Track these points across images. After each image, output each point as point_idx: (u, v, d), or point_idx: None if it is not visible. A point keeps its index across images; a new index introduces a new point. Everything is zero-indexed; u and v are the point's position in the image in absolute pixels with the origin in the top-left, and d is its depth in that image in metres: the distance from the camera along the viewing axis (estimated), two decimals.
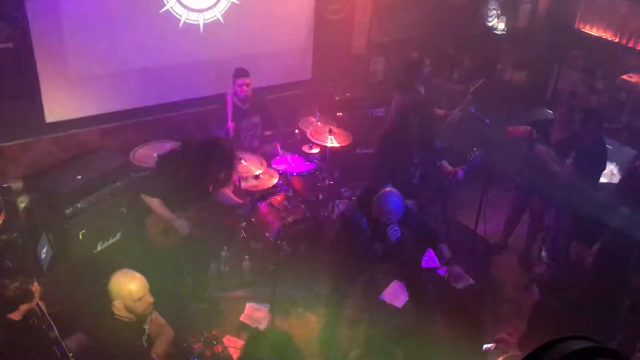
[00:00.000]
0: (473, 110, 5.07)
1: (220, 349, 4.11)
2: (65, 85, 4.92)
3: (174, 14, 5.25)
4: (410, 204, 4.23)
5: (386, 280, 4.94)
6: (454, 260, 4.83)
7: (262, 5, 5.71)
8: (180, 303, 4.62)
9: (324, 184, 5.45)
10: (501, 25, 7.28)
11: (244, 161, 4.96)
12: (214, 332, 4.25)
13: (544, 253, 3.84)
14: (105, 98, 5.17)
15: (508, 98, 6.75)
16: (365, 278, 4.26)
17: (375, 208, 3.91)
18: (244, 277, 5.03)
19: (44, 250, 4.37)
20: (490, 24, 7.28)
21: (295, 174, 5.27)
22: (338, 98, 6.23)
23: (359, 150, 5.92)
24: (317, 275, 4.93)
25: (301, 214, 4.99)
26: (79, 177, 4.48)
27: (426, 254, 5.27)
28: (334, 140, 5.35)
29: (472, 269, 5.24)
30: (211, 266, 4.95)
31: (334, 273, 4.23)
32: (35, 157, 4.90)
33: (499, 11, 7.26)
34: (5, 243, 4.10)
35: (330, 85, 6.39)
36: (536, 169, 4.95)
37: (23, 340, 3.17)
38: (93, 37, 4.89)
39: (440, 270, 5.25)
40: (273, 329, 4.10)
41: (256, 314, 4.67)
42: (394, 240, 3.88)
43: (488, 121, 4.98)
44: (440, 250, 5.18)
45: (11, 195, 4.55)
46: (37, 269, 4.26)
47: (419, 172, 4.56)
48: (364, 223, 3.94)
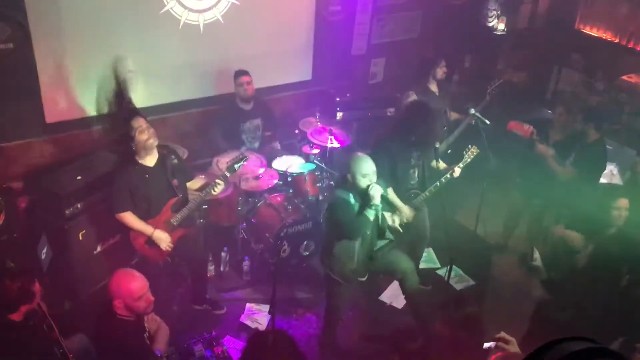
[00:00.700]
0: (473, 110, 5.07)
1: (220, 350, 4.11)
2: (65, 86, 4.92)
3: (174, 14, 5.25)
4: None
5: (386, 281, 4.95)
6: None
7: (263, 6, 5.72)
8: (180, 304, 4.63)
9: (324, 184, 5.46)
10: (501, 26, 7.29)
11: (244, 161, 4.96)
12: (214, 333, 4.25)
13: (536, 255, 3.83)
14: (105, 99, 5.17)
15: (508, 98, 6.76)
16: (365, 279, 4.24)
17: (351, 172, 3.79)
18: (244, 278, 5.03)
19: (44, 250, 4.37)
20: (491, 24, 7.29)
21: (295, 174, 5.27)
22: (338, 99, 6.24)
23: (359, 151, 5.92)
24: (317, 276, 4.93)
25: (301, 214, 4.99)
26: (79, 178, 4.48)
27: (426, 253, 5.29)
28: (334, 140, 5.36)
29: (472, 269, 5.24)
30: (211, 267, 4.96)
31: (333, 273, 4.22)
32: (35, 157, 4.90)
33: (499, 12, 7.26)
34: (5, 243, 4.10)
35: (330, 86, 6.40)
36: (536, 169, 4.96)
37: (24, 341, 3.17)
38: (93, 38, 4.89)
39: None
40: (273, 329, 4.10)
41: (256, 315, 4.67)
42: (372, 202, 3.71)
43: (488, 122, 4.99)
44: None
45: (11, 195, 4.55)
46: (37, 269, 4.26)
47: (417, 173, 4.56)
48: (351, 198, 3.88)
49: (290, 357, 2.52)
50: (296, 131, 5.80)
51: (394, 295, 4.86)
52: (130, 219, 4.07)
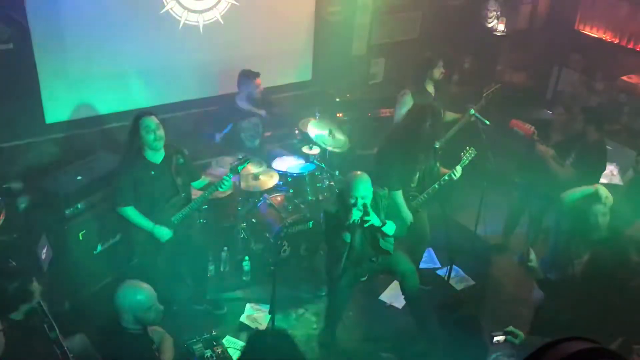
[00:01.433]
0: (473, 111, 5.07)
1: (220, 350, 4.11)
2: (65, 86, 4.93)
3: (174, 15, 5.26)
4: None
5: (386, 281, 4.95)
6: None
7: (262, 6, 5.72)
8: (180, 304, 4.63)
9: (324, 184, 5.46)
10: (501, 27, 7.28)
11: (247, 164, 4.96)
12: (214, 333, 4.25)
13: (532, 255, 3.83)
14: (105, 99, 5.18)
15: (508, 99, 6.76)
16: (365, 278, 4.24)
17: (344, 187, 3.86)
18: (244, 278, 5.03)
19: (44, 250, 4.37)
20: (490, 25, 7.28)
21: (295, 174, 5.28)
22: (338, 99, 6.24)
23: (358, 151, 5.93)
24: (317, 276, 4.93)
25: (301, 214, 4.99)
26: (79, 178, 4.48)
27: (426, 253, 5.28)
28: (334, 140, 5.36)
29: (472, 269, 5.25)
30: (211, 267, 4.95)
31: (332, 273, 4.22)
32: (35, 158, 4.90)
33: (498, 12, 7.26)
34: (5, 243, 4.10)
35: (330, 87, 6.39)
36: (535, 169, 4.96)
37: (24, 341, 3.17)
38: (93, 38, 4.90)
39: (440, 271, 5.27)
40: (273, 329, 4.10)
41: (256, 315, 4.67)
42: (349, 222, 3.76)
43: (488, 122, 4.99)
44: None
45: (11, 196, 4.55)
46: (37, 269, 4.26)
47: (417, 175, 4.56)
48: (335, 211, 3.90)
49: (290, 357, 2.52)
50: (296, 131, 5.80)
51: (394, 295, 4.85)
52: (132, 214, 4.07)
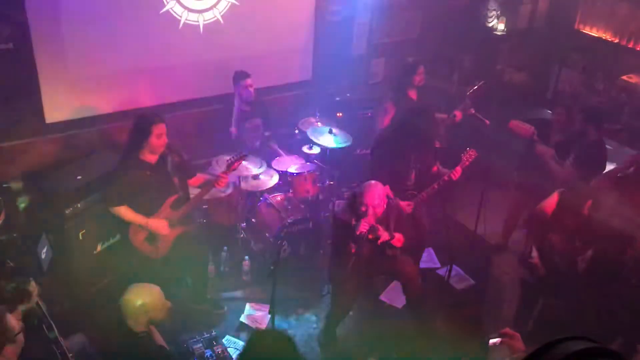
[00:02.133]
0: (473, 111, 5.07)
1: (220, 349, 4.11)
2: (65, 86, 4.92)
3: (174, 14, 5.25)
4: None
5: (386, 281, 4.95)
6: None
7: (262, 6, 5.72)
8: (180, 304, 4.63)
9: (324, 184, 5.46)
10: (501, 26, 7.28)
11: (244, 161, 4.96)
12: (214, 333, 4.25)
13: (535, 253, 3.84)
14: (105, 99, 5.18)
15: (508, 99, 6.76)
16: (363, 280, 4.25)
17: (357, 195, 3.87)
18: (244, 278, 5.03)
19: (44, 250, 4.37)
20: (490, 24, 7.28)
21: (295, 174, 5.27)
22: (338, 99, 6.24)
23: (358, 151, 5.93)
24: (317, 276, 4.93)
25: (301, 214, 4.99)
26: (79, 178, 4.48)
27: (426, 253, 5.29)
28: (334, 140, 5.36)
29: (472, 269, 5.25)
30: (211, 267, 4.95)
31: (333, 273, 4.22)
32: (35, 157, 4.90)
33: (498, 12, 7.26)
34: (5, 243, 4.10)
35: (330, 86, 6.39)
36: (535, 169, 4.96)
37: (24, 341, 3.17)
38: (93, 38, 4.89)
39: (440, 271, 5.27)
40: (273, 329, 4.10)
41: (256, 315, 4.67)
42: (357, 233, 3.78)
43: (488, 122, 5.00)
44: None
45: (11, 195, 4.55)
46: (38, 269, 4.26)
47: (413, 174, 4.56)
48: (352, 221, 3.91)
49: (289, 357, 2.52)
50: (296, 131, 5.80)
51: (394, 295, 4.85)
52: (124, 212, 4.07)
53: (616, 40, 6.97)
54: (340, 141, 5.37)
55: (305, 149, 5.53)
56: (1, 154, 4.74)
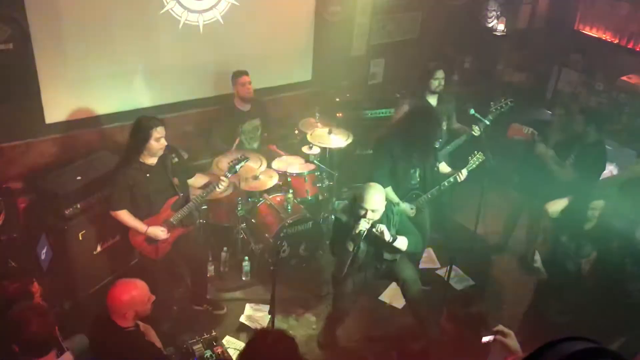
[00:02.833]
0: (473, 111, 5.07)
1: (220, 350, 4.11)
2: (65, 86, 4.92)
3: (174, 15, 5.25)
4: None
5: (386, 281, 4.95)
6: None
7: (262, 6, 5.72)
8: (180, 305, 4.63)
9: (324, 184, 5.46)
10: (501, 26, 7.29)
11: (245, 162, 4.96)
12: (214, 333, 4.25)
13: (537, 256, 3.83)
14: (105, 99, 5.18)
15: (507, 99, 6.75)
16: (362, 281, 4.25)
17: (357, 196, 3.85)
18: (244, 278, 5.03)
19: (44, 250, 4.37)
20: (490, 24, 7.29)
21: (295, 174, 5.28)
22: (338, 99, 6.24)
23: (358, 151, 5.93)
24: (317, 276, 4.94)
25: (301, 214, 4.99)
26: (79, 178, 4.48)
27: (426, 253, 5.28)
28: (334, 141, 5.36)
29: (472, 269, 5.25)
30: (211, 267, 4.95)
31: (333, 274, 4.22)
32: (35, 158, 4.90)
33: (498, 12, 7.27)
34: (5, 243, 4.10)
35: (330, 87, 6.39)
36: (534, 169, 4.96)
37: None
38: (93, 38, 4.89)
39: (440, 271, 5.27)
40: (274, 328, 4.10)
41: (256, 315, 4.67)
42: (354, 233, 3.77)
43: (488, 122, 5.00)
44: None
45: (11, 196, 4.55)
46: (37, 269, 4.26)
47: (418, 173, 4.56)
48: (344, 220, 3.90)
49: (290, 357, 2.52)
50: (296, 131, 5.81)
51: (394, 295, 4.86)
52: (125, 217, 4.07)
53: (616, 41, 6.98)
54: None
55: (305, 149, 5.53)
56: (1, 154, 4.74)
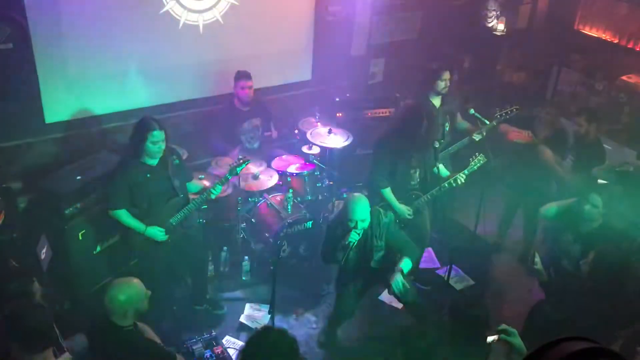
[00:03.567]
0: (473, 111, 5.08)
1: (220, 350, 4.12)
2: (64, 86, 4.92)
3: (174, 15, 5.25)
4: None
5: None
6: None
7: (262, 6, 5.72)
8: (180, 305, 4.63)
9: (324, 184, 5.46)
10: (501, 26, 7.28)
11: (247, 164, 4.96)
12: (214, 333, 4.25)
13: (537, 258, 3.83)
14: (105, 99, 5.18)
15: (508, 99, 6.75)
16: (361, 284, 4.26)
17: (342, 209, 3.88)
18: (244, 278, 5.03)
19: (44, 250, 4.36)
20: (490, 24, 7.28)
21: (295, 174, 5.28)
22: (338, 99, 6.24)
23: (358, 151, 5.93)
24: (317, 276, 4.93)
25: (301, 214, 4.99)
26: (79, 178, 4.48)
27: (426, 253, 5.28)
28: (334, 140, 5.36)
29: (472, 269, 5.24)
30: (211, 267, 4.95)
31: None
32: (35, 158, 4.90)
33: (498, 12, 7.26)
34: (5, 243, 4.09)
35: (330, 86, 6.39)
36: (526, 166, 5.00)
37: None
38: (93, 38, 4.89)
39: (440, 271, 5.27)
40: (274, 327, 4.10)
41: (256, 315, 4.67)
42: (344, 243, 3.85)
43: (488, 122, 5.00)
44: None
45: (11, 196, 4.54)
46: (37, 269, 4.26)
47: (418, 173, 4.56)
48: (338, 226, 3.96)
49: (290, 356, 2.52)
50: (296, 131, 5.80)
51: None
52: (123, 217, 4.07)
53: (616, 40, 6.97)
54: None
55: (305, 149, 5.53)
56: (1, 154, 4.74)
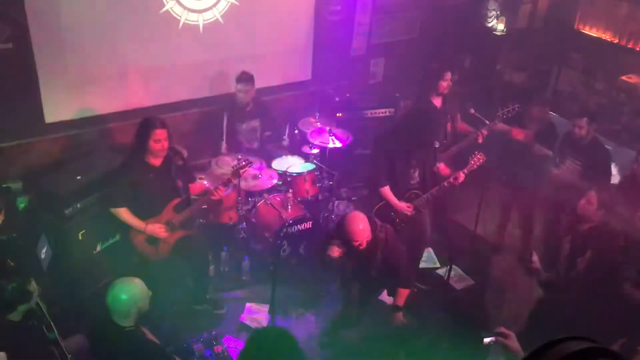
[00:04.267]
0: (473, 111, 5.08)
1: (220, 349, 4.12)
2: (64, 86, 4.92)
3: (174, 14, 5.25)
4: None
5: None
6: None
7: (262, 6, 5.72)
8: (180, 305, 4.63)
9: (324, 184, 5.46)
10: (501, 26, 7.28)
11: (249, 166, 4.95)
12: (214, 333, 4.25)
13: (535, 257, 3.84)
14: (105, 99, 5.18)
15: (507, 99, 6.74)
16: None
17: (342, 228, 3.85)
18: (244, 278, 5.03)
19: (44, 250, 4.37)
20: (490, 24, 7.28)
21: (295, 174, 5.27)
22: (338, 99, 6.24)
23: (358, 151, 5.93)
24: (317, 276, 4.93)
25: (301, 214, 4.99)
26: (79, 178, 4.48)
27: (426, 253, 5.28)
28: (334, 140, 5.36)
29: (472, 269, 5.24)
30: (211, 267, 4.95)
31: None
32: (35, 158, 4.90)
33: (498, 12, 7.26)
34: (5, 243, 4.10)
35: (330, 86, 6.39)
36: (518, 165, 5.02)
37: (23, 341, 3.16)
38: (92, 38, 4.89)
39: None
40: (276, 327, 4.10)
41: (256, 314, 4.67)
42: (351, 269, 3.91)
43: (488, 122, 5.00)
44: None
45: (11, 196, 4.54)
46: (37, 269, 4.26)
47: (417, 173, 4.57)
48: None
49: (292, 356, 2.52)
50: (295, 131, 5.80)
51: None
52: (124, 214, 4.07)
53: (616, 40, 6.97)
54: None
55: (305, 149, 5.53)
56: (1, 154, 4.74)
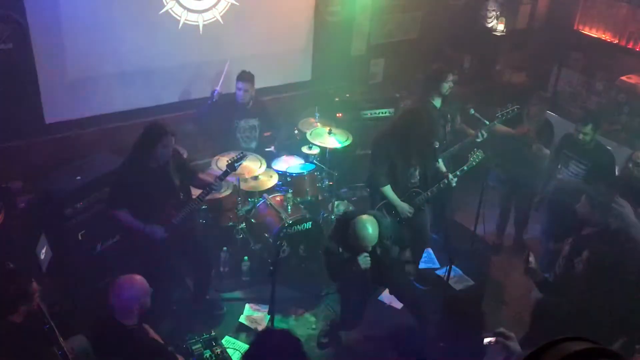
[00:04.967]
0: (473, 111, 5.08)
1: (219, 350, 4.11)
2: (64, 86, 4.92)
3: (174, 15, 5.25)
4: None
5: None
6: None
7: (262, 6, 5.72)
8: (180, 305, 4.63)
9: (324, 184, 5.45)
10: (500, 26, 7.28)
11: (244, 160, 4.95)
12: (214, 333, 4.25)
13: (532, 258, 3.84)
14: (105, 99, 5.18)
15: (507, 99, 6.75)
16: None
17: (350, 233, 3.80)
18: (244, 278, 5.03)
19: (44, 250, 4.36)
20: (490, 25, 7.28)
21: (295, 174, 5.28)
22: (338, 99, 6.24)
23: (358, 151, 5.93)
24: (317, 276, 4.93)
25: (301, 215, 4.99)
26: (78, 178, 4.48)
27: (426, 253, 5.29)
28: (334, 140, 5.36)
29: (472, 269, 5.25)
30: None
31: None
32: (35, 158, 4.90)
33: (498, 12, 7.26)
34: (5, 243, 4.09)
35: (330, 87, 6.39)
36: (516, 163, 5.05)
37: (23, 342, 3.16)
38: (92, 38, 4.89)
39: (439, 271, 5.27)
40: (280, 328, 4.11)
41: (255, 315, 4.67)
42: (362, 268, 3.83)
43: (487, 122, 5.01)
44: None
45: (11, 196, 4.54)
46: (37, 269, 4.26)
47: (418, 172, 4.57)
48: (338, 249, 3.93)
49: (295, 357, 2.52)
50: (295, 131, 5.80)
51: (393, 296, 4.85)
52: (123, 216, 4.07)
53: (616, 41, 6.97)
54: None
55: (305, 149, 5.53)
56: (1, 154, 4.74)
